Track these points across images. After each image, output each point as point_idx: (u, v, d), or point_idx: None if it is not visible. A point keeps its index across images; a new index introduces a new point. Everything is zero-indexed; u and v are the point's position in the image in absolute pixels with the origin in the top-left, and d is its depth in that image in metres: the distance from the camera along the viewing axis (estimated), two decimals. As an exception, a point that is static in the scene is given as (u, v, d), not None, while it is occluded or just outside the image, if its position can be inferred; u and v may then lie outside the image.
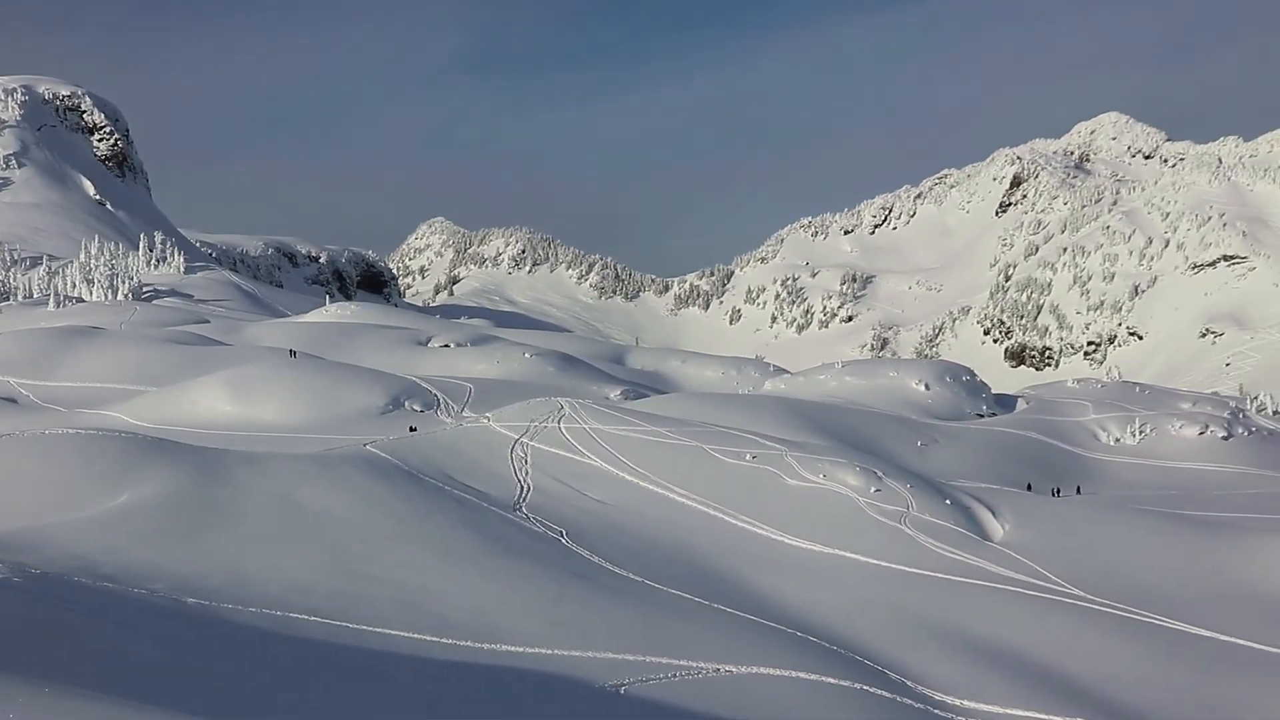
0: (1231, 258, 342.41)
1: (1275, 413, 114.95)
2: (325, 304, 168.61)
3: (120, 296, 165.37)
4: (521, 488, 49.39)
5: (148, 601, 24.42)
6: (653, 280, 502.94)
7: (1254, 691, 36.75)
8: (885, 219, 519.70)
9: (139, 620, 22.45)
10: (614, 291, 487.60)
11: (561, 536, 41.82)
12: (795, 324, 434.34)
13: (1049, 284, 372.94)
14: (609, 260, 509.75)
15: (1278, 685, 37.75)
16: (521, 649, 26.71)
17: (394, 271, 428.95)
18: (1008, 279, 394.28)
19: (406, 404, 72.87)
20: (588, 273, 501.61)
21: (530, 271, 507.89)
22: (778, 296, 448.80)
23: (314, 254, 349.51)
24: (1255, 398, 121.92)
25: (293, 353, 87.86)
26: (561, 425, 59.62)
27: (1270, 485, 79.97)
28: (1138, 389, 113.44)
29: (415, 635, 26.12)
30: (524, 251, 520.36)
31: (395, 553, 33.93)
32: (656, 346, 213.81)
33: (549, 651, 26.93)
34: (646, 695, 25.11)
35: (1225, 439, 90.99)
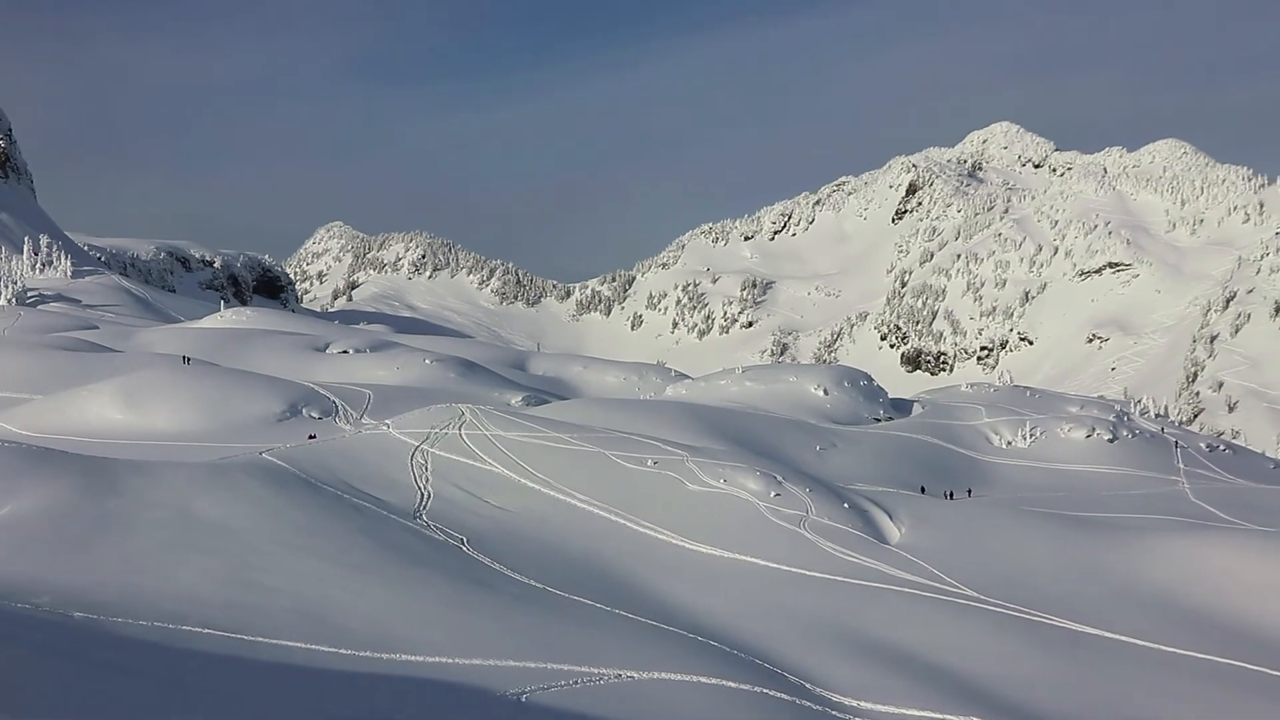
0: (1116, 265, 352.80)
1: (1158, 415, 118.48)
2: (220, 309, 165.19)
3: (3, 302, 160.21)
4: (422, 495, 48.94)
5: (31, 616, 23.73)
6: (554, 286, 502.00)
7: (1142, 688, 37.82)
8: (785, 225, 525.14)
9: (21, 635, 21.80)
10: (515, 297, 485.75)
11: (463, 544, 41.54)
12: (697, 329, 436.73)
13: (944, 290, 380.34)
14: (510, 265, 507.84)
15: (1165, 682, 38.92)
16: (422, 659, 26.48)
17: (291, 276, 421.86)
18: (904, 285, 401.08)
19: (304, 411, 71.77)
20: (489, 278, 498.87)
21: (431, 277, 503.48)
22: (679, 302, 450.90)
23: (208, 258, 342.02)
24: (1139, 401, 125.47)
25: (186, 359, 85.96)
26: (462, 432, 59.23)
27: (1153, 486, 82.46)
28: (1028, 393, 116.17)
29: (313, 647, 25.75)
30: (424, 256, 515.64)
31: (293, 563, 33.41)
32: (558, 352, 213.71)
33: (450, 661, 26.73)
34: (548, 703, 25.06)
35: (1111, 441, 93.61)
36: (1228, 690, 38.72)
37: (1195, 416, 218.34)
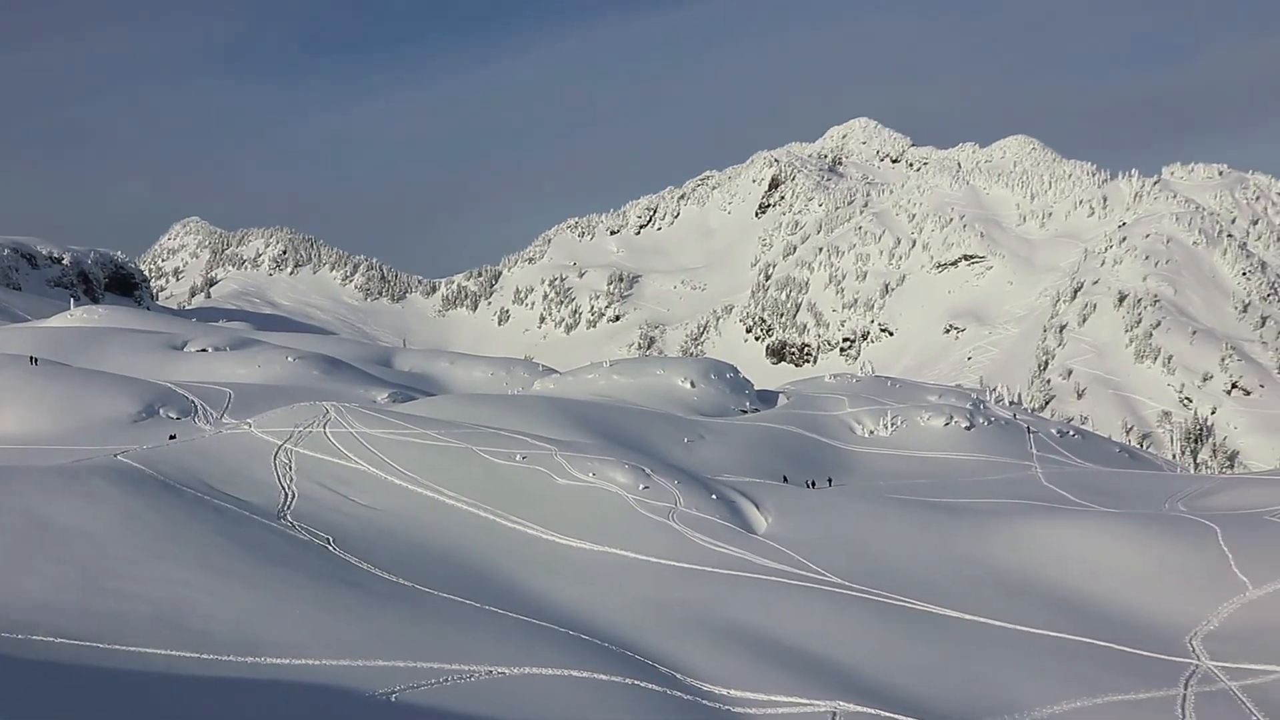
0: (971, 257, 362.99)
1: (1011, 403, 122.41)
2: (70, 307, 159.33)
3: None
4: (286, 495, 47.98)
5: None
6: (420, 281, 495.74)
7: (1003, 668, 39.04)
8: (650, 220, 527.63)
9: None
10: (380, 293, 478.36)
11: (329, 544, 40.86)
12: (564, 324, 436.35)
13: (806, 283, 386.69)
14: (375, 261, 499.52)
15: (1025, 661, 40.24)
16: (287, 661, 26.00)
17: (146, 273, 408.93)
18: (768, 278, 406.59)
19: (161, 411, 69.76)
20: (352, 274, 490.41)
21: (292, 273, 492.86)
22: (546, 297, 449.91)
23: (56, 255, 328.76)
24: (994, 389, 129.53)
25: (34, 359, 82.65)
26: (327, 430, 58.24)
27: (1008, 471, 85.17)
28: (889, 383, 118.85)
29: (174, 653, 25.09)
30: (285, 252, 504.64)
31: (152, 567, 32.46)
32: (424, 348, 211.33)
33: (316, 662, 26.30)
34: (418, 701, 24.84)
35: (968, 429, 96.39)
36: (1081, 666, 40.22)
37: (1047, 403, 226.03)
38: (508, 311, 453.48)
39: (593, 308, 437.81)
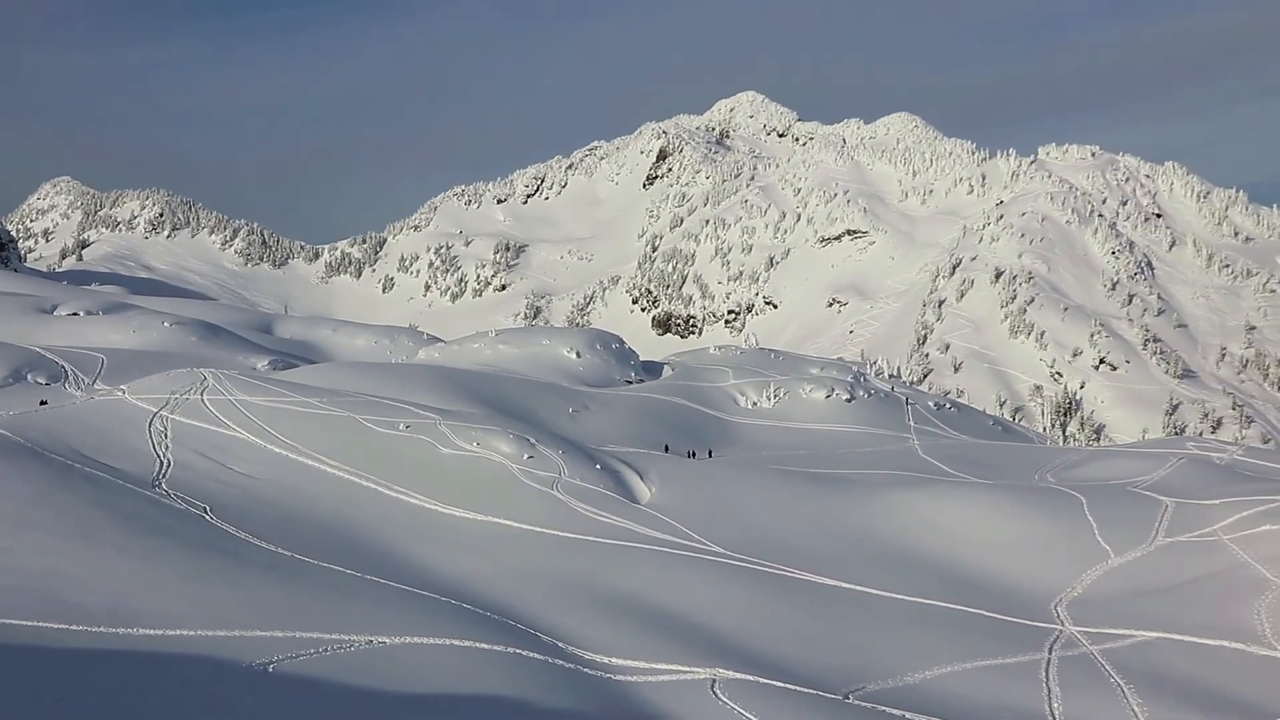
0: (854, 232, 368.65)
1: (891, 376, 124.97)
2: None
3: None
4: (161, 463, 46.90)
5: None
6: (302, 247, 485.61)
7: (878, 635, 40.02)
8: (538, 189, 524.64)
9: None
10: (261, 258, 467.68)
11: (205, 513, 40.08)
12: (449, 292, 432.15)
13: (693, 255, 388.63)
14: (255, 225, 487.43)
15: (900, 628, 41.30)
16: (161, 632, 25.47)
17: (13, 234, 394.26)
18: (655, 250, 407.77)
19: (29, 376, 67.46)
20: (232, 238, 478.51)
21: (169, 236, 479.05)
22: (431, 265, 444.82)
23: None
24: (874, 362, 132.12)
25: (-108, 322, 79.31)
26: (205, 397, 57.01)
27: (887, 443, 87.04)
28: (773, 355, 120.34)
29: (43, 624, 24.41)
30: (162, 215, 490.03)
31: (19, 537, 31.49)
32: (306, 315, 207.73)
33: (191, 633, 25.82)
34: (295, 672, 24.57)
35: (849, 401, 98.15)
36: (953, 633, 41.43)
37: (925, 376, 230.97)
38: (393, 279, 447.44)
39: (479, 277, 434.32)
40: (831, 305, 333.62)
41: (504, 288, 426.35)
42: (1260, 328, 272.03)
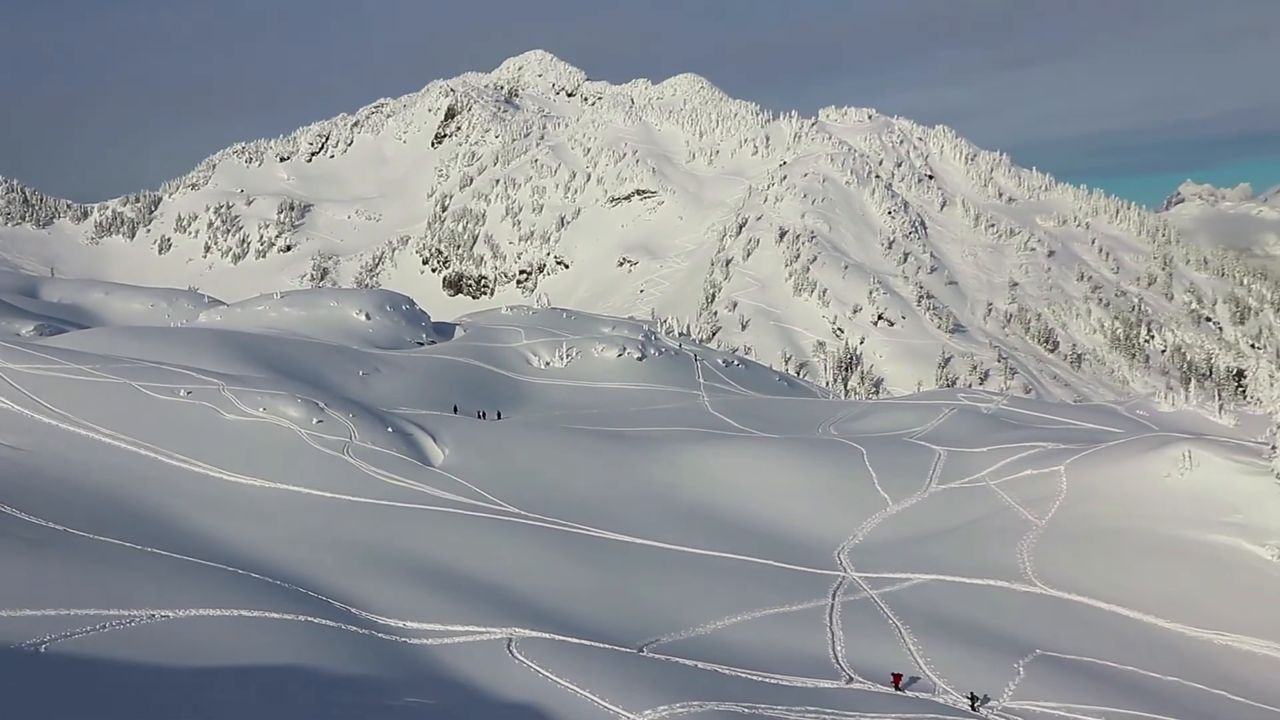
0: (643, 192, 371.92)
1: (681, 334, 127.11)
2: None
3: None
4: (-85, 438, 43.99)
5: None
6: (69, 206, 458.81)
7: (670, 589, 40.96)
8: (323, 146, 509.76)
9: None
10: (22, 217, 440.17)
11: (-33, 489, 37.81)
12: (231, 254, 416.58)
13: (484, 215, 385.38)
14: (15, 183, 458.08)
15: (691, 582, 42.36)
16: (-79, 616, 24.04)
17: None
18: (445, 210, 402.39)
19: None
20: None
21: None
22: (211, 225, 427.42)
23: None
24: (664, 321, 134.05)
25: None
26: (-37, 366, 53.67)
27: (678, 400, 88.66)
28: (565, 315, 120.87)
29: None
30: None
31: None
32: (76, 278, 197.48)
33: (-44, 616, 24.45)
34: (72, 651, 23.56)
35: (640, 359, 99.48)
36: (742, 583, 42.75)
37: (714, 334, 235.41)
38: (169, 240, 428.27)
39: (262, 237, 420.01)
40: (622, 265, 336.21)
41: (289, 248, 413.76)
42: (1022, 284, 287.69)
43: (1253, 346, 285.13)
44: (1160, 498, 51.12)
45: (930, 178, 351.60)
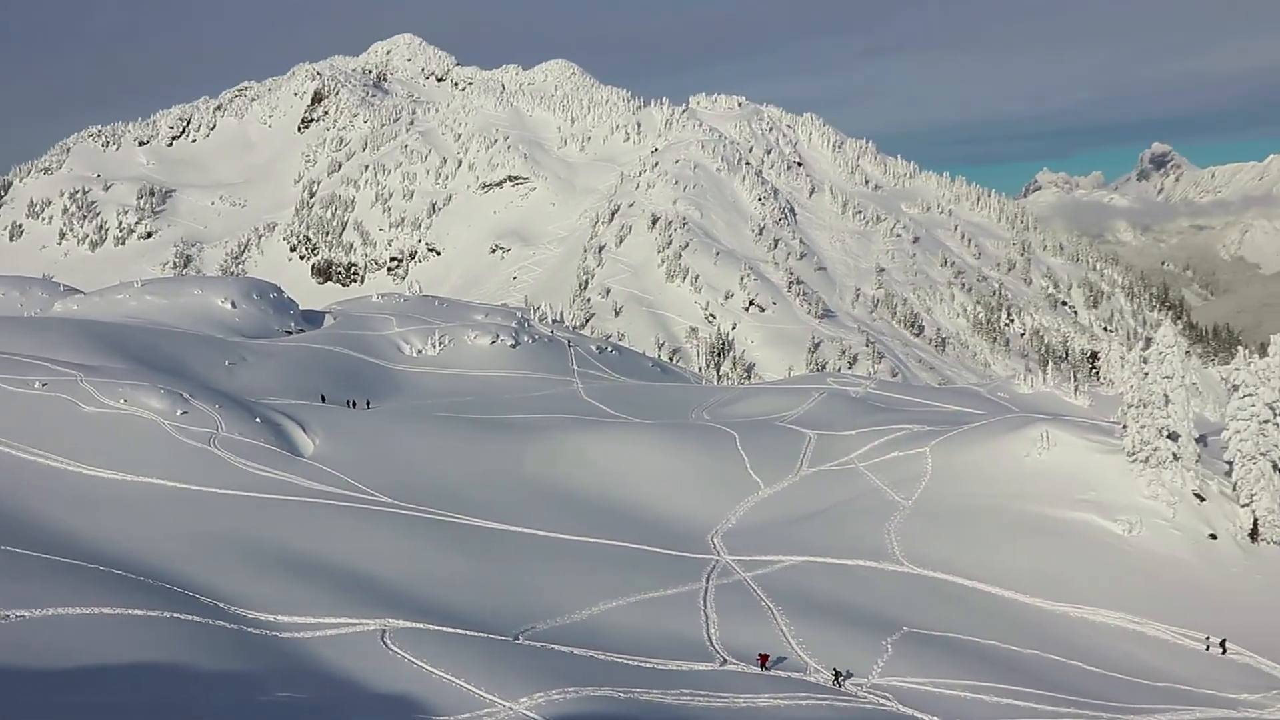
0: (516, 178, 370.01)
1: (554, 321, 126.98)
2: None
3: None
4: None
5: None
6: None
7: (545, 576, 40.99)
8: (184, 130, 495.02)
9: None
10: None
11: None
12: (88, 240, 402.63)
13: (353, 201, 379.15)
14: None
15: (567, 569, 42.48)
16: None
17: None
18: (312, 195, 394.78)
19: None
20: None
21: None
22: (66, 211, 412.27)
23: None
24: (538, 308, 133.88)
25: None
26: None
27: (553, 387, 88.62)
28: (437, 302, 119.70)
29: None
30: None
31: None
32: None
33: None
34: (-77, 655, 22.67)
35: (514, 346, 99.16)
36: (618, 569, 43.03)
37: (588, 321, 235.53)
38: (20, 226, 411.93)
39: (121, 224, 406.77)
40: (495, 252, 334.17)
41: (150, 235, 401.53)
42: (889, 270, 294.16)
43: (1105, 329, 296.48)
44: (1020, 477, 52.91)
45: (799, 165, 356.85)
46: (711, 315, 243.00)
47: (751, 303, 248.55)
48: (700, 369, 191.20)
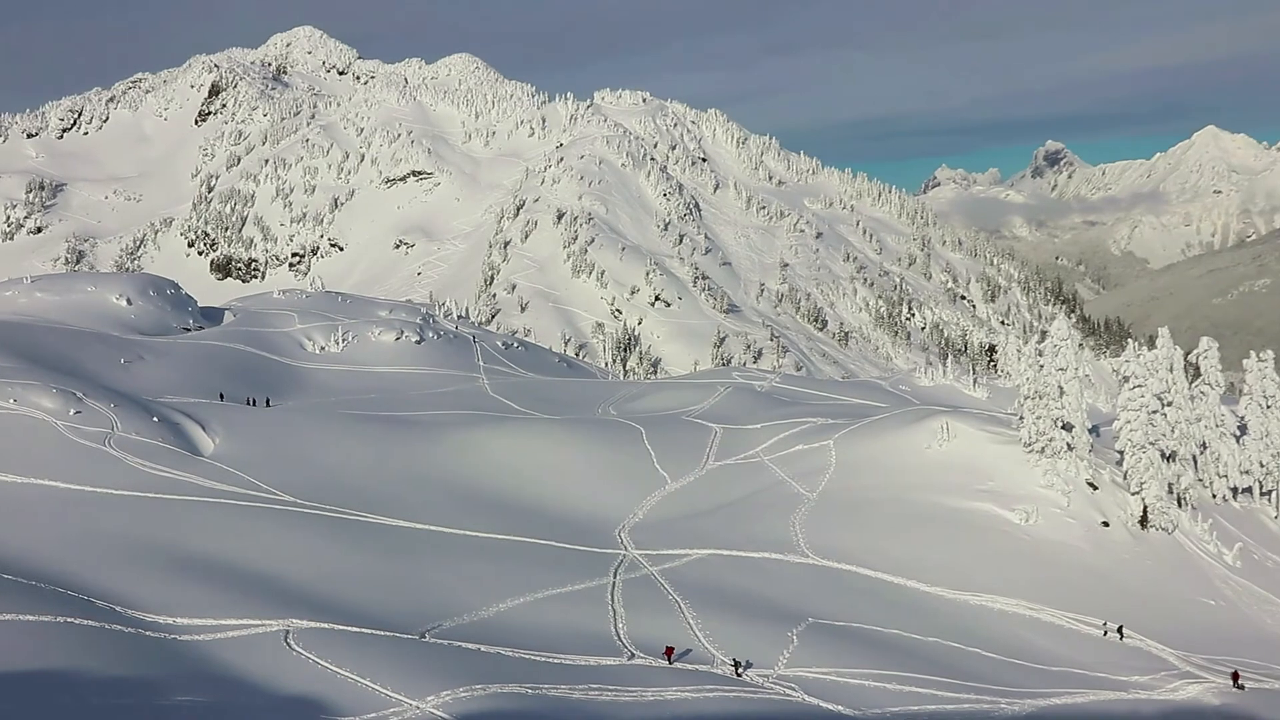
0: (419, 173, 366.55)
1: (460, 317, 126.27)
2: None
3: None
4: None
5: None
6: None
7: (451, 573, 40.74)
8: (75, 123, 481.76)
9: None
10: None
11: None
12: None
13: (253, 196, 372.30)
14: None
15: (473, 566, 42.26)
16: None
17: None
18: (211, 190, 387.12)
19: None
20: None
21: None
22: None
23: None
24: (443, 304, 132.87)
25: None
26: None
27: (458, 383, 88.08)
28: (340, 298, 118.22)
29: None
30: None
31: None
32: None
33: None
34: None
35: (418, 343, 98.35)
36: (525, 565, 42.91)
37: (493, 317, 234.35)
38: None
39: (9, 218, 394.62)
40: (398, 247, 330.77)
41: (40, 230, 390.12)
42: (792, 264, 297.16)
43: (1002, 323, 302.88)
44: (922, 468, 53.92)
45: (703, 160, 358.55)
46: (617, 310, 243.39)
47: (657, 298, 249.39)
48: (606, 364, 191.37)
